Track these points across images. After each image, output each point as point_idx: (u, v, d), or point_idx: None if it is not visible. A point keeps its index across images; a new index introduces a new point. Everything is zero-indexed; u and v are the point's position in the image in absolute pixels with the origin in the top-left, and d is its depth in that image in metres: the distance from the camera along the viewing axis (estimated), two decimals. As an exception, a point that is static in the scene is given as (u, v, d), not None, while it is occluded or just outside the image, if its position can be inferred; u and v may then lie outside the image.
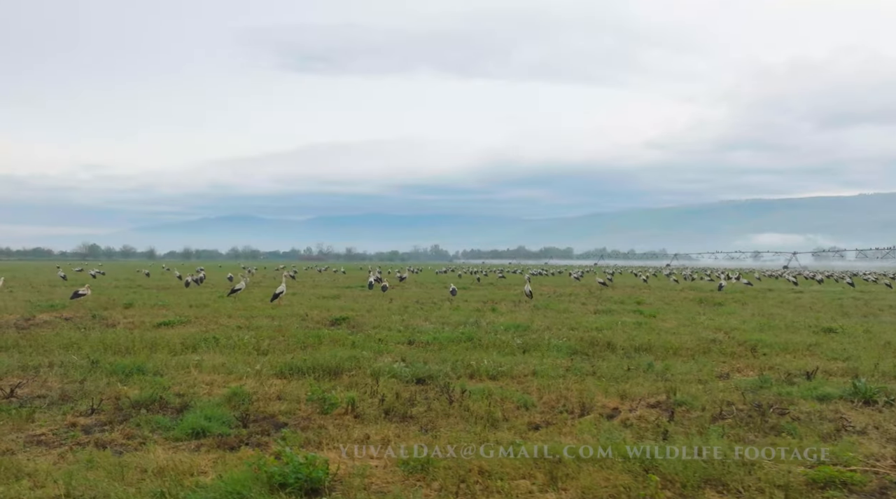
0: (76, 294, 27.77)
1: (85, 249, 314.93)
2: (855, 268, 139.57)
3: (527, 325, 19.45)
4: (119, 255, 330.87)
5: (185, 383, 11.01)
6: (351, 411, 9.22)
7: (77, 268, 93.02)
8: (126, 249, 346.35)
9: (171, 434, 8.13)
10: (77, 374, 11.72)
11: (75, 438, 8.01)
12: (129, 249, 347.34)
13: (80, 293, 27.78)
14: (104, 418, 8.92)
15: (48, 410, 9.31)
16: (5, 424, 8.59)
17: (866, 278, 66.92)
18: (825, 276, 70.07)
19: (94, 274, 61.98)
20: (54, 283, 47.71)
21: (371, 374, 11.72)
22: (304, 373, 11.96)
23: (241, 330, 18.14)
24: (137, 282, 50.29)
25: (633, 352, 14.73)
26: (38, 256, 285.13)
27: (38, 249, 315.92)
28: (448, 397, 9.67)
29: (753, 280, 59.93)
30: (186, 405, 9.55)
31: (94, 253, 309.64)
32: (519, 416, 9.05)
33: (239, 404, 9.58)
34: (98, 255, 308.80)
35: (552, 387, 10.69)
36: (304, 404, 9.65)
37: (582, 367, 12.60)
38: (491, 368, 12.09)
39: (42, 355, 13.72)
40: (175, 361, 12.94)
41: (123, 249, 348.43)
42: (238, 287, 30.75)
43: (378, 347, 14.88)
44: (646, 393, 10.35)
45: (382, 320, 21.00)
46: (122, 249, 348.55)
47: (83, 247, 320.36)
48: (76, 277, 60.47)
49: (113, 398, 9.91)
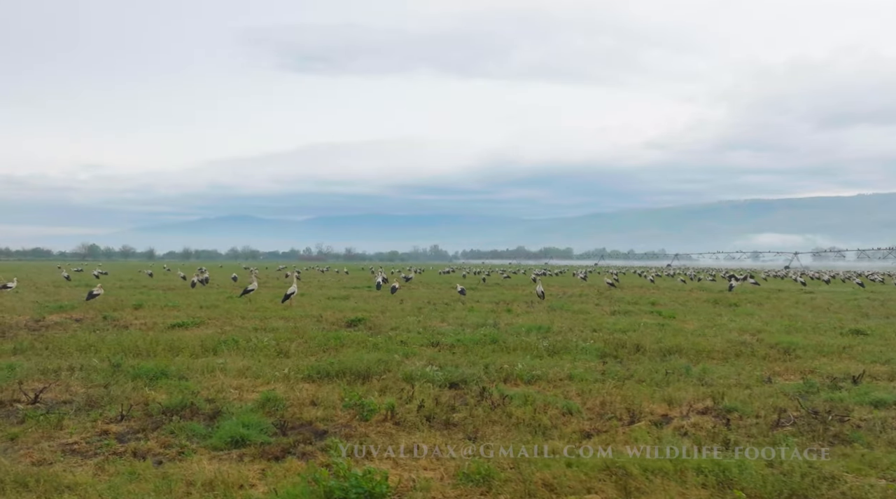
0: (91, 295, 27.60)
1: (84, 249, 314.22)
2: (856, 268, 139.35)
3: (547, 326, 19.12)
4: (118, 255, 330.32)
5: (213, 388, 10.67)
6: (391, 418, 8.88)
7: (76, 268, 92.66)
8: (125, 250, 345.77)
9: (208, 443, 7.78)
10: (99, 378, 11.38)
11: (110, 446, 7.66)
12: (129, 250, 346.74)
13: (94, 294, 27.63)
14: (136, 426, 8.57)
15: (76, 416, 8.97)
16: (34, 431, 8.24)
17: (873, 279, 66.61)
18: (831, 276, 69.79)
19: (97, 274, 61.61)
20: (58, 283, 47.35)
21: (403, 378, 11.38)
22: (333, 377, 11.63)
23: (259, 332, 17.80)
24: (142, 282, 49.91)
25: (664, 355, 14.40)
26: (38, 257, 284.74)
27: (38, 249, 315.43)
28: (490, 403, 9.32)
29: (760, 280, 59.61)
30: (218, 411, 9.21)
31: (93, 253, 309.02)
32: (566, 423, 8.72)
33: (273, 410, 9.25)
34: (97, 255, 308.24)
35: (593, 392, 10.36)
36: (340, 411, 9.31)
37: (617, 371, 12.27)
38: (525, 372, 11.75)
39: (60, 358, 13.38)
40: (198, 364, 12.60)
41: (123, 249, 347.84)
42: (250, 288, 30.47)
43: (402, 350, 14.53)
44: (691, 398, 10.02)
45: (399, 322, 20.66)
46: (122, 249, 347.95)
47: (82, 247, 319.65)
48: (77, 277, 60.08)
49: (141, 404, 9.57)
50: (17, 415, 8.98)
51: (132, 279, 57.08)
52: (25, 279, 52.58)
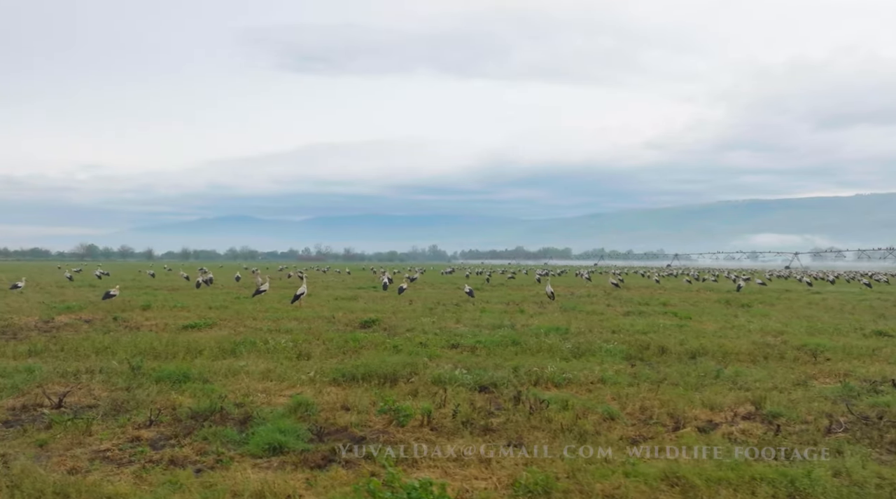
0: (108, 295, 27.55)
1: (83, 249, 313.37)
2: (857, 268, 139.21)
3: (565, 328, 18.88)
4: (117, 255, 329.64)
5: (239, 392, 10.41)
6: (427, 423, 8.63)
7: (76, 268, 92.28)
8: (124, 250, 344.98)
9: (245, 450, 7.52)
10: (121, 381, 11.13)
11: (144, 454, 7.40)
12: (128, 250, 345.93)
13: (111, 294, 27.54)
14: (167, 431, 8.32)
15: (104, 421, 8.71)
16: (63, 437, 7.98)
17: (878, 279, 66.39)
18: (835, 276, 69.64)
19: (99, 275, 61.29)
20: (61, 283, 47.08)
21: (432, 381, 11.12)
22: (359, 380, 11.37)
23: (275, 333, 17.57)
24: (145, 283, 49.62)
25: (690, 357, 14.17)
26: (37, 257, 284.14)
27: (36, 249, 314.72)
28: (528, 408, 9.07)
29: (765, 280, 59.38)
30: (249, 416, 8.95)
31: (92, 253, 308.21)
32: (609, 429, 8.46)
33: (305, 415, 8.99)
34: (96, 255, 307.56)
35: (630, 396, 10.11)
36: (374, 416, 9.05)
37: (647, 373, 12.02)
38: (555, 375, 11.50)
39: (77, 361, 13.13)
40: (219, 366, 12.34)
41: (122, 249, 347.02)
42: (262, 288, 30.39)
43: (423, 352, 14.27)
44: (731, 403, 9.77)
45: (413, 323, 20.42)
46: (121, 249, 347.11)
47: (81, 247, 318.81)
48: (78, 277, 59.75)
49: (168, 408, 9.32)
50: (43, 420, 8.72)
51: (134, 280, 56.77)
52: (28, 280, 52.24)
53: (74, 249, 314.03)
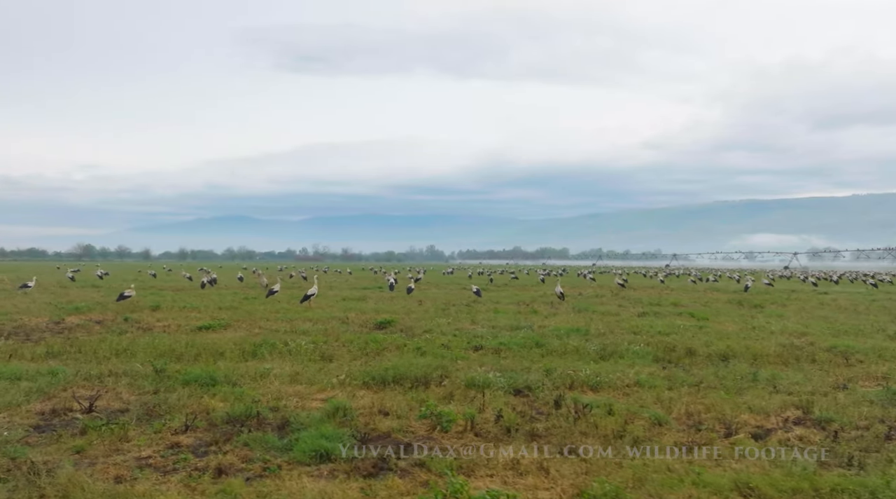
0: (122, 296, 27.29)
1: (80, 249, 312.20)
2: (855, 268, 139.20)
3: (585, 329, 18.66)
4: (114, 255, 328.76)
5: (270, 395, 10.17)
6: (471, 429, 8.40)
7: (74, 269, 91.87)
8: (121, 250, 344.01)
9: (290, 457, 7.28)
10: (147, 384, 10.88)
11: (187, 461, 7.16)
12: (125, 250, 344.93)
13: (125, 295, 27.27)
14: (206, 437, 8.07)
15: (138, 426, 8.47)
16: (100, 443, 7.74)
17: (881, 279, 66.25)
18: (838, 276, 69.54)
19: (100, 275, 60.93)
20: (64, 284, 46.76)
21: (465, 384, 10.89)
22: (390, 383, 11.14)
23: (292, 335, 17.33)
24: (147, 283, 49.27)
25: (720, 359, 13.95)
26: (34, 257, 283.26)
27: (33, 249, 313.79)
28: (573, 413, 8.84)
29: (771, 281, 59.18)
30: (286, 421, 8.71)
31: (89, 253, 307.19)
32: (659, 434, 8.23)
33: (344, 420, 8.74)
34: (93, 255, 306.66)
35: (673, 400, 9.87)
36: (415, 421, 8.81)
37: (682, 377, 11.80)
38: (589, 379, 11.28)
39: (97, 363, 12.88)
40: (243, 369, 12.10)
41: (119, 249, 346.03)
42: (275, 289, 30.39)
43: (448, 354, 14.04)
44: (776, 407, 9.55)
45: (428, 324, 20.18)
46: (118, 249, 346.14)
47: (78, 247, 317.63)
48: (79, 277, 59.37)
49: (202, 413, 9.07)
50: (76, 425, 8.48)
51: (136, 280, 56.36)
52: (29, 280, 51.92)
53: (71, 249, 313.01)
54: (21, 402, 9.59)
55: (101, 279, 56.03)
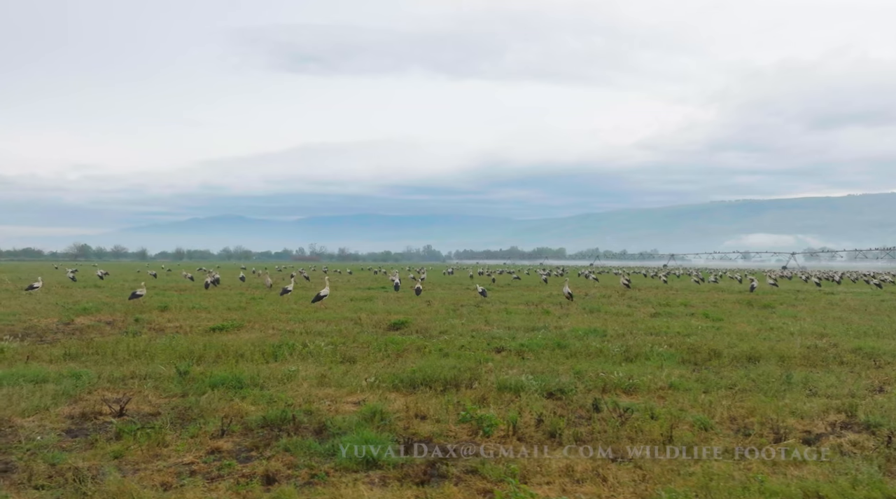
0: (134, 295, 27.32)
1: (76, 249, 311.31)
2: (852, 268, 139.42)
3: (602, 330, 18.51)
4: (110, 255, 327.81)
5: (301, 398, 9.98)
6: (513, 433, 8.22)
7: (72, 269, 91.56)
8: (118, 250, 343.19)
9: (336, 463, 7.09)
10: (173, 387, 10.68)
11: (231, 467, 6.96)
12: (121, 250, 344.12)
13: (137, 294, 27.33)
14: (245, 442, 7.87)
15: (173, 430, 8.26)
16: (138, 448, 7.53)
17: (883, 279, 66.21)
18: (840, 276, 69.51)
19: (101, 275, 60.62)
20: (65, 284, 46.49)
21: (497, 387, 10.70)
22: (418, 385, 10.96)
23: (310, 336, 17.15)
24: (150, 284, 48.90)
25: (746, 361, 13.80)
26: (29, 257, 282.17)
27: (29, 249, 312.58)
28: (618, 417, 8.66)
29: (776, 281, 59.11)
30: (323, 426, 8.52)
31: (85, 253, 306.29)
32: (706, 440, 8.05)
33: (382, 424, 8.56)
34: (89, 255, 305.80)
35: (712, 404, 9.68)
36: (454, 425, 8.64)
37: (715, 379, 11.62)
38: (622, 381, 11.11)
39: (117, 365, 12.68)
40: (268, 371, 11.90)
41: (115, 249, 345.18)
42: (288, 288, 30.75)
43: (471, 356, 13.85)
44: (818, 411, 9.38)
45: (442, 325, 20.01)
46: (114, 249, 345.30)
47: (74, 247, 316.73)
48: (80, 277, 59.04)
49: (235, 417, 8.87)
50: (109, 430, 8.28)
51: (136, 280, 56.12)
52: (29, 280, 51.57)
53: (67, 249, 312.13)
54: (49, 405, 9.39)
55: (102, 279, 55.74)
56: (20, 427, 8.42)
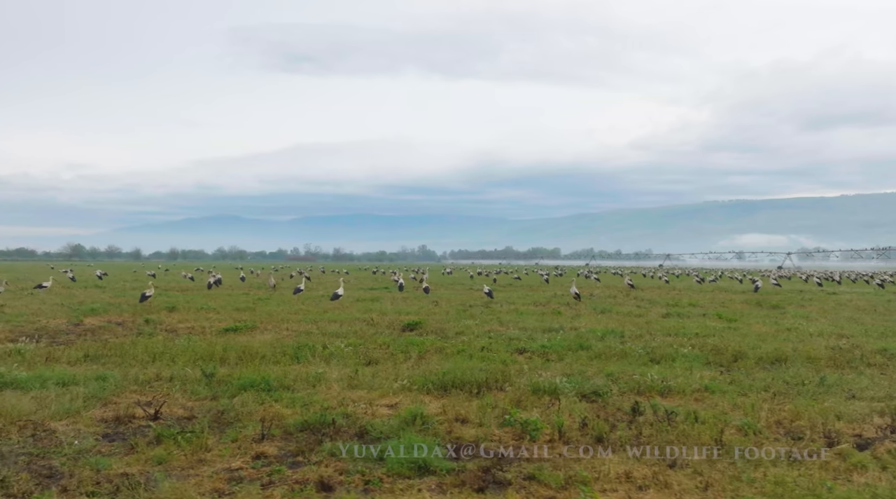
0: (143, 297, 27.26)
1: (69, 249, 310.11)
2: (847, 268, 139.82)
3: (619, 331, 18.39)
4: (104, 255, 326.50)
5: (335, 401, 9.81)
6: (560, 438, 8.07)
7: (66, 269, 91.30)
8: (111, 250, 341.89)
9: (388, 468, 6.93)
10: (202, 389, 10.50)
11: (282, 473, 6.80)
12: (115, 250, 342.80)
13: (147, 295, 27.31)
14: (288, 447, 7.69)
15: (212, 434, 8.09)
16: (180, 453, 7.36)
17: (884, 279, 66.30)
18: (840, 276, 69.61)
19: (100, 275, 60.30)
20: (65, 284, 46.16)
21: (531, 390, 10.56)
22: (450, 388, 10.81)
23: (325, 337, 16.99)
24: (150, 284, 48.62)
25: (773, 362, 13.68)
26: (23, 257, 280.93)
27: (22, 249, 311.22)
28: (667, 420, 8.52)
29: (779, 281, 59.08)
30: (364, 430, 8.36)
31: (79, 253, 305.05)
32: (757, 444, 7.88)
33: (424, 428, 8.40)
34: (83, 255, 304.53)
35: (754, 407, 9.53)
36: (496, 429, 8.49)
37: (749, 381, 11.50)
38: (656, 384, 10.97)
39: (139, 367, 12.49)
40: (294, 373, 11.72)
41: (109, 249, 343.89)
42: (300, 287, 31.29)
43: (496, 358, 13.72)
44: (862, 414, 9.25)
45: (456, 326, 19.87)
46: (108, 249, 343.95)
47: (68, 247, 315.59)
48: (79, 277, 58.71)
49: (272, 420, 8.69)
50: (146, 434, 8.10)
51: (136, 280, 55.82)
52: (28, 280, 51.20)
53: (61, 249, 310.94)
54: (80, 408, 9.21)
55: (102, 279, 55.43)
56: (55, 431, 8.25)
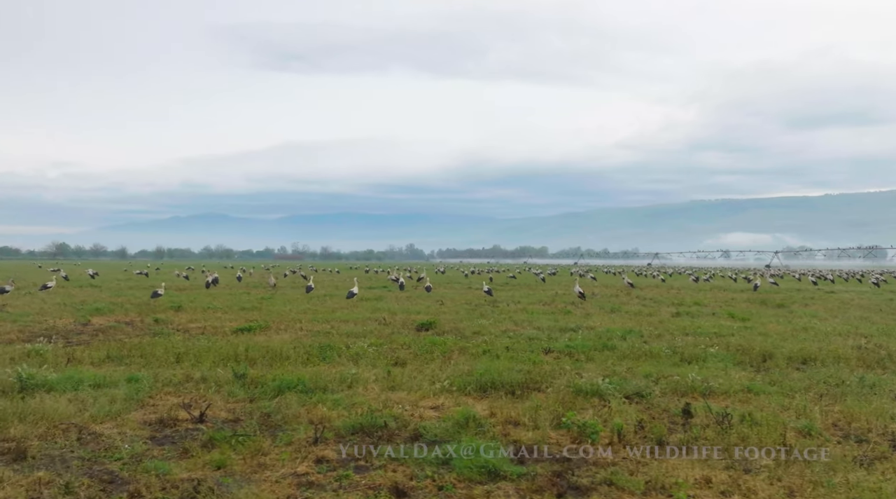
0: (155, 294, 27.39)
1: (54, 247, 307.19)
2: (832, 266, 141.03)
3: (638, 331, 18.29)
4: (89, 253, 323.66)
5: (380, 403, 9.62)
6: (619, 440, 7.93)
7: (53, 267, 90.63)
8: (97, 248, 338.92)
9: (458, 473, 6.74)
10: (238, 391, 10.29)
11: (349, 478, 6.61)
12: (100, 248, 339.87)
13: (158, 293, 27.41)
14: (347, 450, 7.49)
15: (264, 438, 7.88)
16: (239, 457, 7.15)
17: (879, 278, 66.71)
18: (834, 276, 70.05)
19: (92, 274, 59.66)
20: (60, 284, 45.44)
21: (573, 391, 10.41)
22: (488, 389, 10.66)
23: (344, 337, 16.80)
24: (144, 283, 48.21)
25: (801, 362, 13.62)
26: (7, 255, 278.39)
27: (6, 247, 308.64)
28: (718, 423, 8.39)
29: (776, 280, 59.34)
30: (418, 433, 8.18)
31: (63, 252, 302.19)
32: (820, 447, 7.79)
33: (479, 430, 8.23)
34: (67, 254, 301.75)
35: (806, 408, 9.41)
36: (551, 431, 8.34)
37: (789, 382, 11.41)
38: (698, 385, 10.86)
39: (166, 368, 12.26)
40: (327, 374, 11.51)
41: (94, 247, 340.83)
42: (311, 285, 32.09)
43: (525, 358, 13.56)
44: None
45: (470, 325, 19.72)
46: (93, 247, 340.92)
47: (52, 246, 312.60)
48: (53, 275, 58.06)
49: (319, 423, 8.49)
50: (196, 437, 7.89)
51: (129, 280, 55.30)
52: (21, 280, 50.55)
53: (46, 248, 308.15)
54: (119, 411, 8.97)
55: (94, 278, 54.85)
56: (101, 435, 8.02)
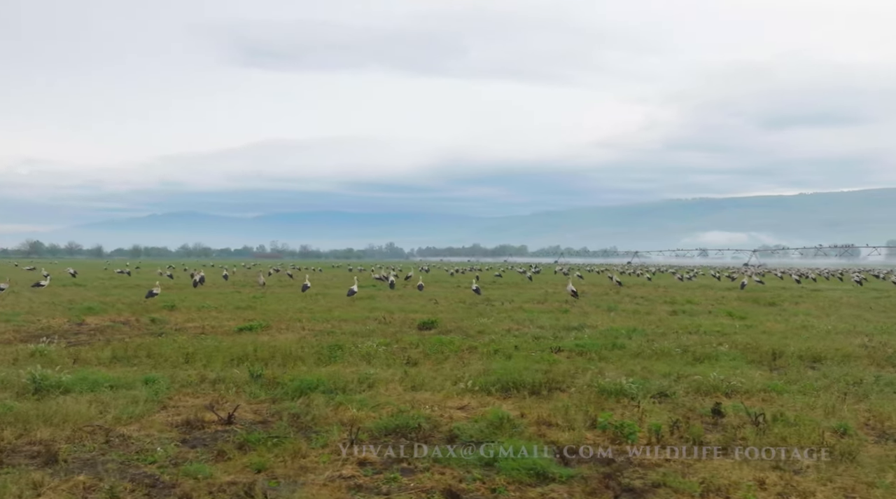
0: (150, 293, 27.14)
1: (28, 246, 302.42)
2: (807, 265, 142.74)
3: (642, 329, 18.31)
4: (64, 252, 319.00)
5: (404, 403, 9.50)
6: (657, 441, 7.87)
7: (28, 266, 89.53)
8: (72, 247, 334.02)
9: (507, 476, 6.65)
10: (258, 391, 10.13)
11: (398, 481, 6.49)
12: (75, 247, 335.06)
13: (154, 293, 27.20)
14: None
15: (298, 440, 7.72)
16: (278, 460, 7.00)
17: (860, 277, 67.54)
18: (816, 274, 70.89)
19: (72, 273, 58.81)
20: (46, 283, 44.83)
21: (597, 390, 10.36)
22: (509, 389, 10.57)
23: (349, 336, 16.65)
24: (127, 282, 47.65)
25: (811, 360, 13.68)
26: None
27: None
28: (753, 423, 8.37)
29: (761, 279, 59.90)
30: (454, 434, 8.07)
31: (37, 250, 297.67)
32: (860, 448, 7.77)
33: (514, 432, 8.14)
34: (42, 252, 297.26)
35: (835, 408, 9.40)
36: (586, 431, 8.26)
37: (808, 382, 11.43)
38: (719, 384, 10.85)
39: (178, 368, 12.05)
40: (344, 374, 11.36)
41: (69, 246, 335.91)
42: (307, 284, 32.57)
43: (536, 357, 13.50)
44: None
45: (472, 324, 19.65)
46: (68, 246, 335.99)
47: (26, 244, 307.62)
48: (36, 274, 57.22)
49: (350, 425, 8.34)
50: (230, 440, 7.72)
51: (112, 279, 54.64)
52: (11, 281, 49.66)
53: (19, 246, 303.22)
54: (143, 413, 8.78)
55: (75, 277, 54.08)
56: (129, 437, 7.84)
